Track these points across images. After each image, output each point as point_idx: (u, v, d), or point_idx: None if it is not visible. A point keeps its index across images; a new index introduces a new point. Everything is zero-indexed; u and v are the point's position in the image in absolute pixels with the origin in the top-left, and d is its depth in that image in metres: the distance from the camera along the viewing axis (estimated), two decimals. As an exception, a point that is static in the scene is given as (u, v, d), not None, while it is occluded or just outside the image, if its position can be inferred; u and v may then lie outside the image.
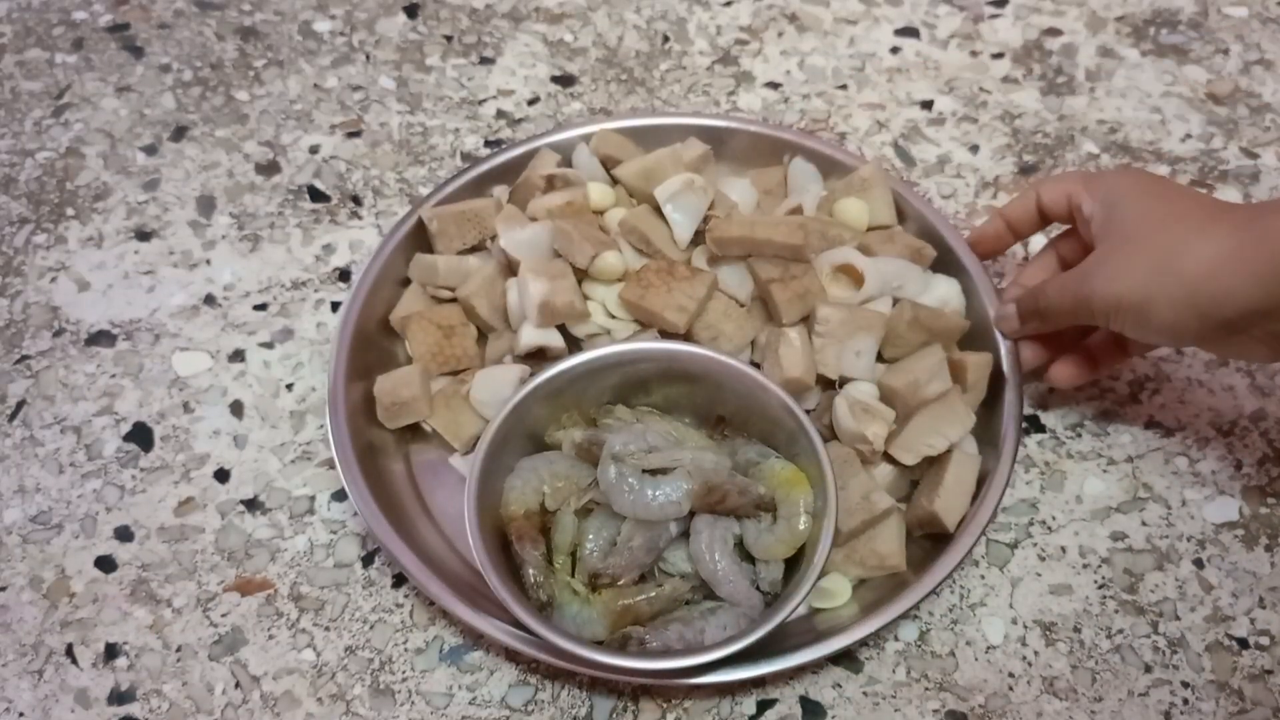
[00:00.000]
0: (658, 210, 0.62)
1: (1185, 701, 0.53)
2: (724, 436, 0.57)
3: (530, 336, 0.59)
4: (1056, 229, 0.62)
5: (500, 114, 0.78)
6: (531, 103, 0.78)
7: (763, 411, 0.55)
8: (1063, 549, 0.58)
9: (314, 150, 0.76)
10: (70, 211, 0.73)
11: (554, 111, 0.78)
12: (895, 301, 0.60)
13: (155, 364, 0.65)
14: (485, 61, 0.81)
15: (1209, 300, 0.48)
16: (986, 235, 0.62)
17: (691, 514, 0.52)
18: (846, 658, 0.54)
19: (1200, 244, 0.48)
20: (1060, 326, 0.57)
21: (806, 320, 0.58)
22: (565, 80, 0.80)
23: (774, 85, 0.79)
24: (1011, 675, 0.54)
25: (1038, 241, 0.66)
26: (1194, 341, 0.52)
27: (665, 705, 0.53)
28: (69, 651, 0.55)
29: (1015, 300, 0.58)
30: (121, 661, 0.55)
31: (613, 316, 0.60)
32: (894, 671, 0.54)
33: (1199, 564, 0.57)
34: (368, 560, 0.58)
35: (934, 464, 0.56)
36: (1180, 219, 0.50)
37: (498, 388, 0.58)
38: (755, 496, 0.52)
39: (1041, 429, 0.62)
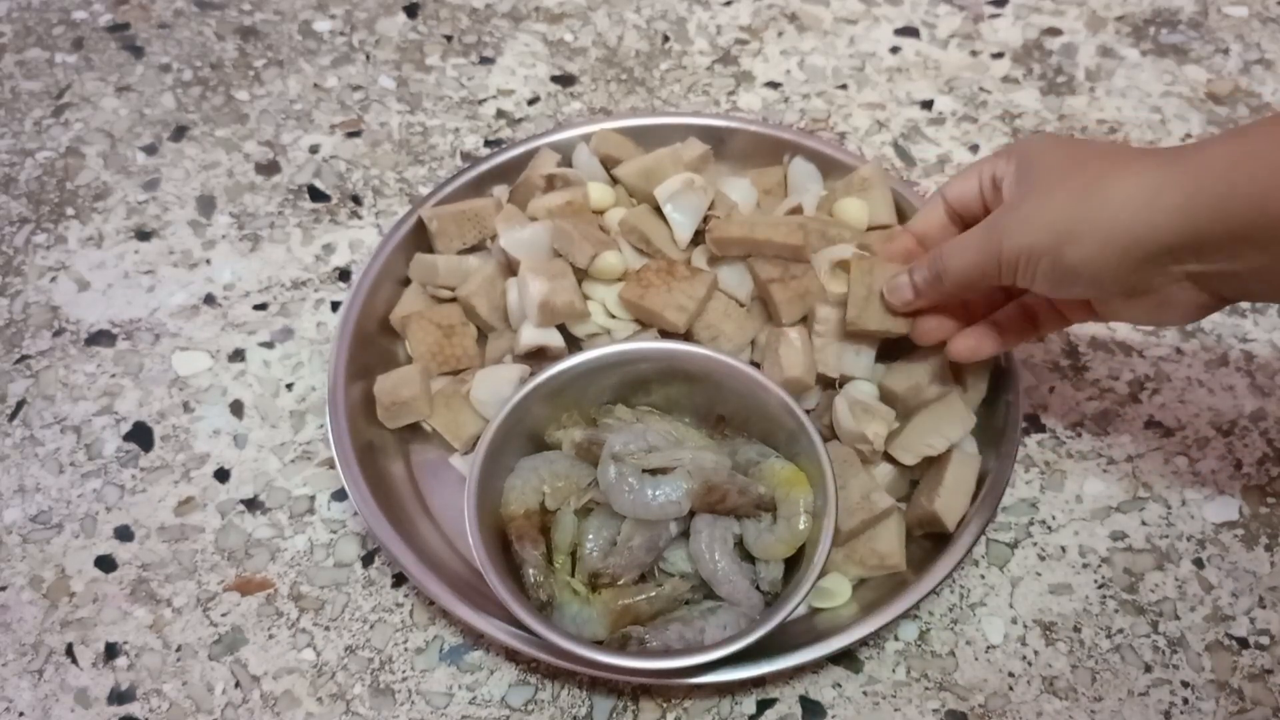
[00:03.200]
0: (658, 210, 0.62)
1: (1185, 701, 0.53)
2: (724, 436, 0.57)
3: (530, 336, 0.59)
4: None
5: (500, 114, 0.78)
6: (531, 102, 0.78)
7: (763, 411, 0.55)
8: (1063, 549, 0.58)
9: (314, 150, 0.76)
10: (70, 211, 0.73)
11: (554, 111, 0.78)
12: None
13: (155, 364, 0.65)
14: (485, 61, 0.81)
15: (1132, 233, 0.44)
16: (895, 258, 0.56)
17: (691, 514, 0.52)
18: (846, 657, 0.54)
19: (1122, 178, 0.45)
20: (964, 293, 0.52)
21: (806, 320, 0.58)
22: (565, 80, 0.80)
23: (774, 85, 0.79)
24: (1011, 675, 0.54)
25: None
26: (1112, 286, 0.46)
27: (665, 705, 0.53)
28: (69, 651, 0.55)
29: (909, 269, 0.53)
30: (121, 661, 0.55)
31: (613, 316, 0.60)
32: (894, 671, 0.54)
33: (1199, 564, 0.57)
34: (368, 560, 0.58)
35: (934, 464, 0.56)
36: (1100, 158, 0.47)
37: (498, 387, 0.58)
38: (755, 496, 0.52)
39: (1041, 429, 0.62)
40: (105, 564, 0.58)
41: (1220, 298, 0.46)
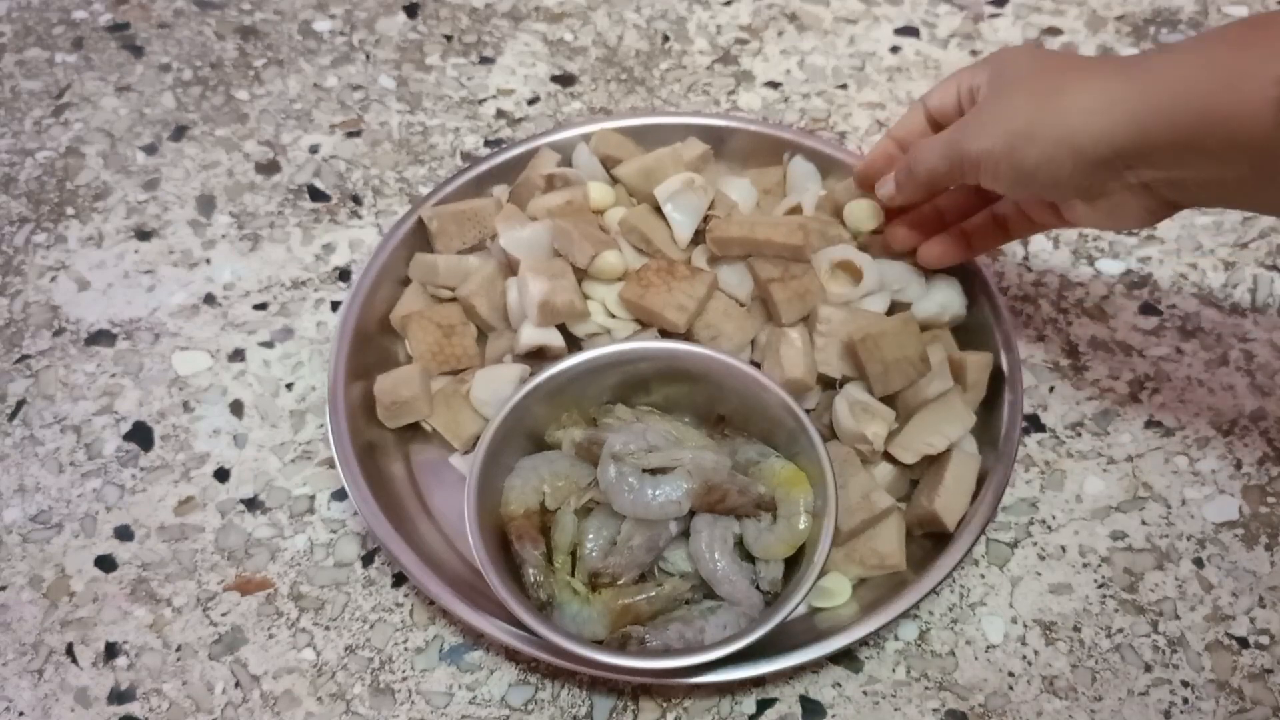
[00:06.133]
0: (658, 210, 0.62)
1: (1185, 701, 0.53)
2: (724, 436, 0.57)
3: (530, 336, 0.59)
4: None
5: (500, 113, 0.78)
6: (531, 102, 0.78)
7: (763, 411, 0.55)
8: (1063, 548, 0.58)
9: (314, 150, 0.76)
10: (70, 211, 0.73)
11: (554, 111, 0.78)
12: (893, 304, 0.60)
13: (155, 363, 0.65)
14: (485, 61, 0.81)
15: (1084, 138, 0.46)
16: (876, 161, 0.59)
17: (691, 513, 0.52)
18: (846, 657, 0.54)
19: (1080, 85, 0.47)
20: (939, 188, 0.56)
21: (807, 320, 0.58)
22: (565, 80, 0.80)
23: (774, 84, 0.79)
24: (1011, 674, 0.54)
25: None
26: (1070, 190, 0.49)
27: (665, 704, 0.53)
28: (69, 651, 0.55)
29: (895, 169, 0.56)
30: (121, 661, 0.55)
31: (613, 316, 0.60)
32: (894, 671, 0.54)
33: (1199, 563, 0.57)
34: (368, 560, 0.58)
35: (934, 463, 0.56)
36: (1062, 68, 0.49)
37: (498, 387, 0.58)
38: (755, 496, 0.52)
39: (1041, 428, 0.62)
40: (105, 564, 0.58)
41: (1171, 204, 0.48)
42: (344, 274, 0.69)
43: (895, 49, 0.81)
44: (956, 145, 0.51)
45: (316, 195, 0.73)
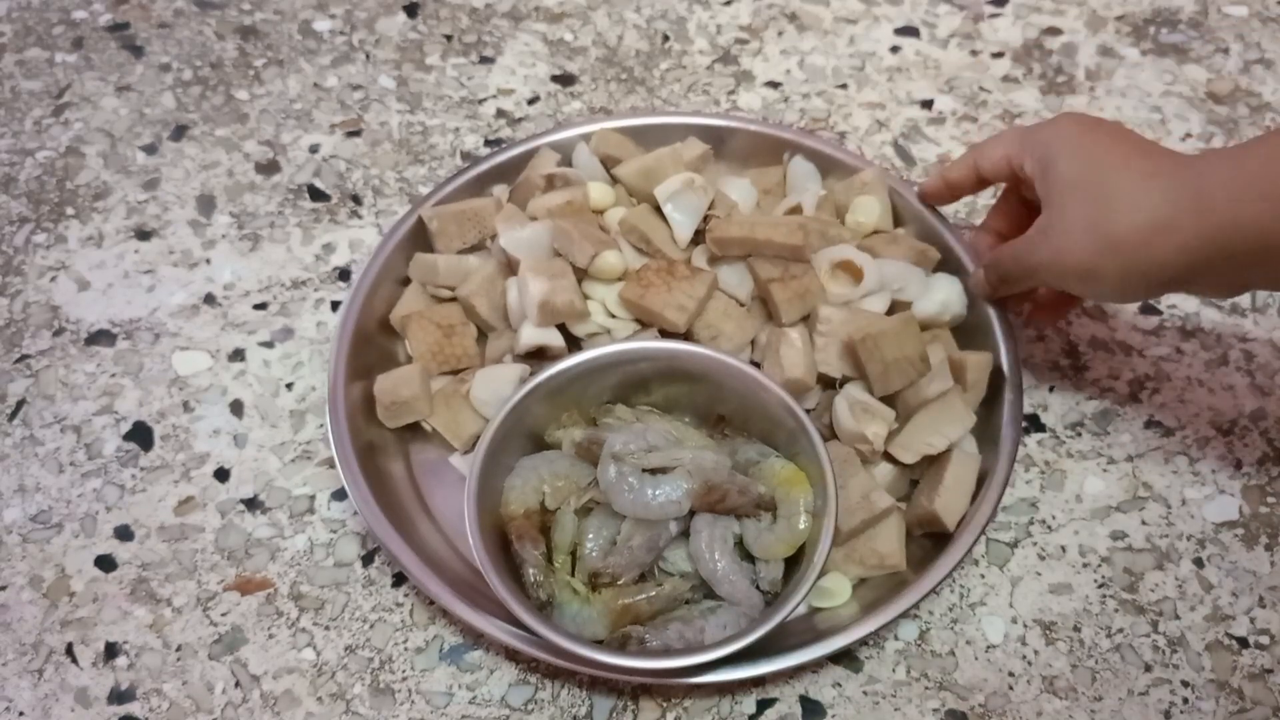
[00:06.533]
0: (658, 210, 0.62)
1: (1185, 701, 0.53)
2: (724, 436, 0.57)
3: (530, 336, 0.59)
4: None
5: (500, 113, 0.78)
6: (531, 102, 0.78)
7: (763, 411, 0.55)
8: (1063, 548, 0.58)
9: (314, 149, 0.76)
10: (70, 211, 0.73)
11: (554, 111, 0.78)
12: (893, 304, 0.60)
13: (155, 363, 0.65)
14: (485, 61, 0.81)
15: (1148, 267, 0.50)
16: (932, 190, 0.63)
17: (691, 513, 0.52)
18: (846, 657, 0.54)
19: (1134, 207, 0.49)
20: (1024, 289, 0.59)
21: (807, 320, 0.58)
22: (565, 79, 0.80)
23: (774, 84, 0.79)
24: (1011, 674, 0.54)
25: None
26: (1144, 298, 0.57)
27: (665, 704, 0.53)
28: (69, 651, 0.55)
29: (984, 267, 0.60)
30: (121, 661, 0.55)
31: (613, 316, 0.60)
32: (894, 671, 0.54)
33: (1199, 563, 0.57)
34: (368, 559, 0.58)
35: (934, 463, 0.56)
36: (1115, 170, 0.51)
37: (498, 387, 0.58)
38: (755, 496, 0.52)
39: (1041, 428, 0.62)
40: (105, 564, 0.58)
41: (1241, 286, 0.51)
42: (344, 274, 0.69)
43: (895, 49, 0.81)
44: (1031, 269, 0.55)
45: (316, 195, 0.73)
